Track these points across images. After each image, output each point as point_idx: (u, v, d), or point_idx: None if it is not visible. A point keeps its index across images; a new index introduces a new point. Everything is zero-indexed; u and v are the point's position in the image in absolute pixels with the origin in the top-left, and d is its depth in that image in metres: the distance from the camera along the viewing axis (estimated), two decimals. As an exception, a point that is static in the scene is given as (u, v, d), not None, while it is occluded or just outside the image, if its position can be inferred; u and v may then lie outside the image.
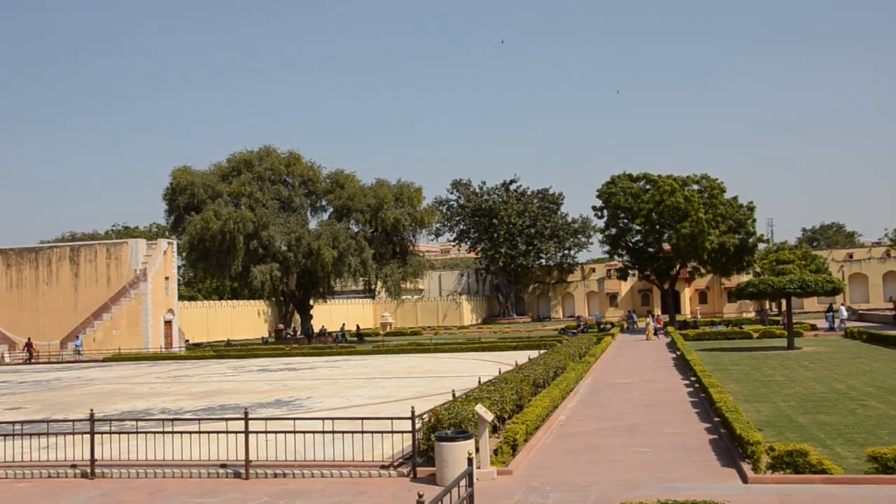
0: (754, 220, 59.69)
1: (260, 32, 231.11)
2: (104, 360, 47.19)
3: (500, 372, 20.35)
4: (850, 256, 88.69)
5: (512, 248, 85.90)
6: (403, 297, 71.93)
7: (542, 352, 30.61)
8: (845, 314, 50.59)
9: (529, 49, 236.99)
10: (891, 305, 60.09)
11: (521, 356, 31.32)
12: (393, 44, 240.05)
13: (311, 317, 62.22)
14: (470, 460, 8.64)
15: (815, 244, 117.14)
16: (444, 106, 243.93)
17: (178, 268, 63.93)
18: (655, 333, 48.55)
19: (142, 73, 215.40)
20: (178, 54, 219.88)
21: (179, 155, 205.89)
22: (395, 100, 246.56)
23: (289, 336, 62.49)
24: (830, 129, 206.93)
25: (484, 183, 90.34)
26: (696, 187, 59.86)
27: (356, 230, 58.94)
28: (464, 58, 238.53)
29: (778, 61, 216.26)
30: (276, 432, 14.34)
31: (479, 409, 12.63)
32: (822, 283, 35.86)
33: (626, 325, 61.79)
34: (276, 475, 13.28)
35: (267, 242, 55.30)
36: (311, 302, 63.09)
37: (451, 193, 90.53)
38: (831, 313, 51.06)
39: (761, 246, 65.14)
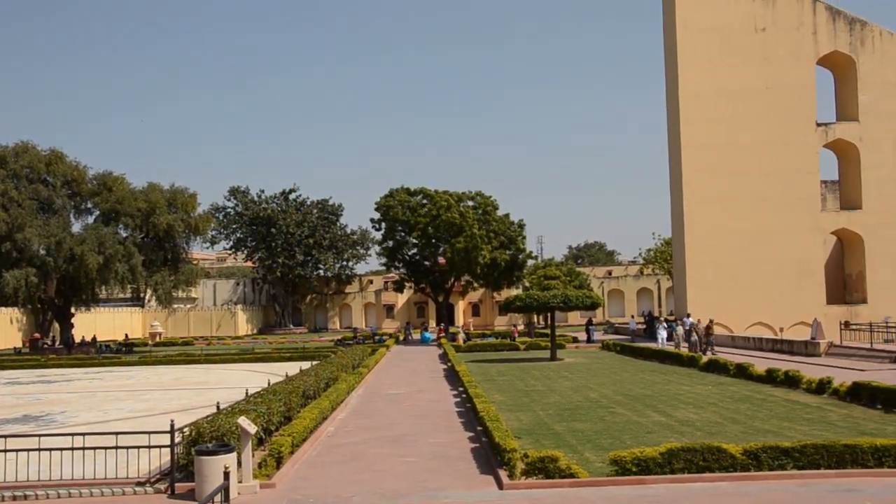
0: (524, 237, 62.77)
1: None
2: None
3: (269, 383, 20.02)
4: (610, 273, 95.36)
5: (290, 258, 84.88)
6: (175, 305, 69.05)
7: (315, 363, 30.43)
8: (635, 325, 54.97)
9: (306, 58, 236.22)
10: (642, 320, 64.96)
11: (294, 367, 30.97)
12: (172, 43, 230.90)
13: (72, 325, 58.26)
14: (227, 474, 8.44)
15: (579, 261, 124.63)
16: (223, 112, 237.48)
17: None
18: (464, 342, 50.18)
19: None
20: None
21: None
22: (172, 103, 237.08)
23: (46, 346, 58.06)
24: (597, 155, 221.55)
25: (262, 191, 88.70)
26: (470, 203, 61.99)
27: (125, 235, 55.85)
28: (243, 64, 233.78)
29: (550, 87, 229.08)
30: (18, 450, 13.02)
31: (242, 421, 12.35)
32: (582, 298, 38.22)
33: (402, 337, 62.74)
34: (15, 497, 12.27)
35: (22, 245, 51.17)
36: (73, 310, 59.09)
37: (229, 201, 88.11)
38: (592, 326, 54.52)
39: (530, 262, 68.42)
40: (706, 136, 49.04)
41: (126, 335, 70.11)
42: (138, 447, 12.84)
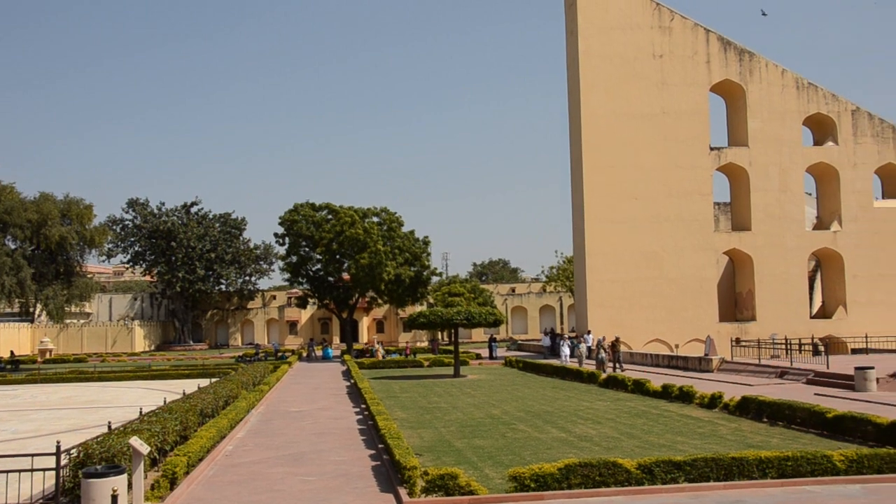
0: (429, 254, 63.04)
1: None
2: None
3: (165, 402, 19.51)
4: (513, 291, 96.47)
5: (190, 273, 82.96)
6: (68, 321, 66.62)
7: (215, 380, 29.78)
8: (548, 342, 55.39)
9: (210, 70, 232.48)
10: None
11: (193, 385, 30.18)
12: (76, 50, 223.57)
13: (-47, 342, 55.57)
14: (115, 497, 8.17)
15: (483, 278, 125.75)
16: (123, 121, 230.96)
17: None
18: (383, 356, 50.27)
19: None
20: None
21: None
22: (69, 111, 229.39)
23: (-76, 363, 55.17)
24: (502, 173, 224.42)
25: (163, 204, 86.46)
26: (376, 220, 61.98)
27: (14, 247, 53.55)
28: (146, 73, 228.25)
29: (456, 105, 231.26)
30: None
31: (134, 441, 11.99)
32: (485, 315, 38.62)
33: (305, 353, 62.05)
34: None
35: None
36: (-45, 326, 56.46)
37: (127, 213, 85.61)
38: (495, 343, 55.04)
39: (435, 279, 68.73)
40: (607, 157, 50.34)
41: (12, 352, 67.04)
42: (20, 471, 12.08)
